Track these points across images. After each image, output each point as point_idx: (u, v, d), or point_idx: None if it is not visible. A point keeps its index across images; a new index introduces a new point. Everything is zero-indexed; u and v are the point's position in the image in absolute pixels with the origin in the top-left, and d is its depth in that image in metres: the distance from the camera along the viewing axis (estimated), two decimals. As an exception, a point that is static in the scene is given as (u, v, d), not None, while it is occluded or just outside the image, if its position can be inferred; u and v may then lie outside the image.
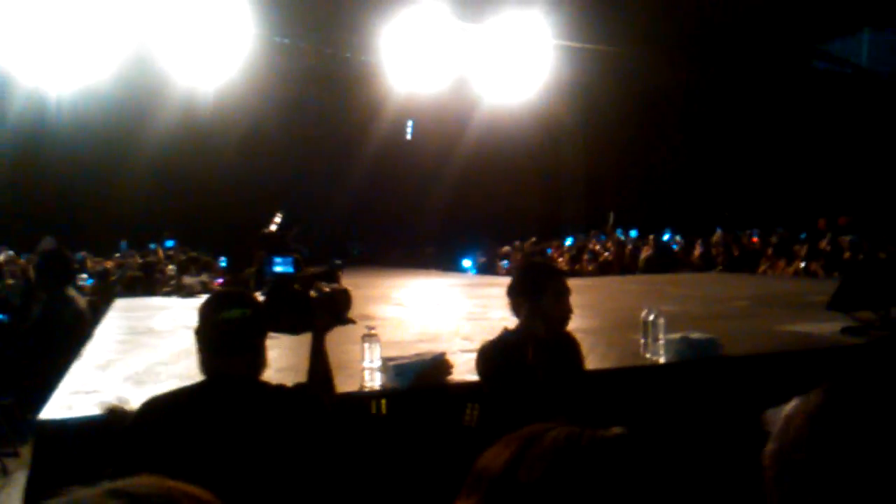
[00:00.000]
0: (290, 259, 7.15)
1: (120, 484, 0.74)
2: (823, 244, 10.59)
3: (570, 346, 3.18)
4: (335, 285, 2.97)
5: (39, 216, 12.97)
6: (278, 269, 7.00)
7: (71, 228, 12.15)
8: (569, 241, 15.72)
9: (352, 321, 2.88)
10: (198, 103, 12.90)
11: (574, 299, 3.08)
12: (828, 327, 4.77)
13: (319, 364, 2.71)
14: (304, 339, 2.77)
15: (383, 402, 3.43)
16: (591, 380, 3.34)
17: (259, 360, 2.38)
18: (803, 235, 12.38)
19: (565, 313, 3.04)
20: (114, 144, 14.70)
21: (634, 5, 14.53)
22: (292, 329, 2.77)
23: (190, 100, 12.56)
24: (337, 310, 2.76)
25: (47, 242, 10.07)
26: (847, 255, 10.34)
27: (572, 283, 3.17)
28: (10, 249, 11.20)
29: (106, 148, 14.71)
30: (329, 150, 17.96)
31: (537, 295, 2.98)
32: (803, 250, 10.66)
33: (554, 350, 3.03)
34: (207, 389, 2.30)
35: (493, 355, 3.04)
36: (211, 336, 2.33)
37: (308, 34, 14.24)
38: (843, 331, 4.59)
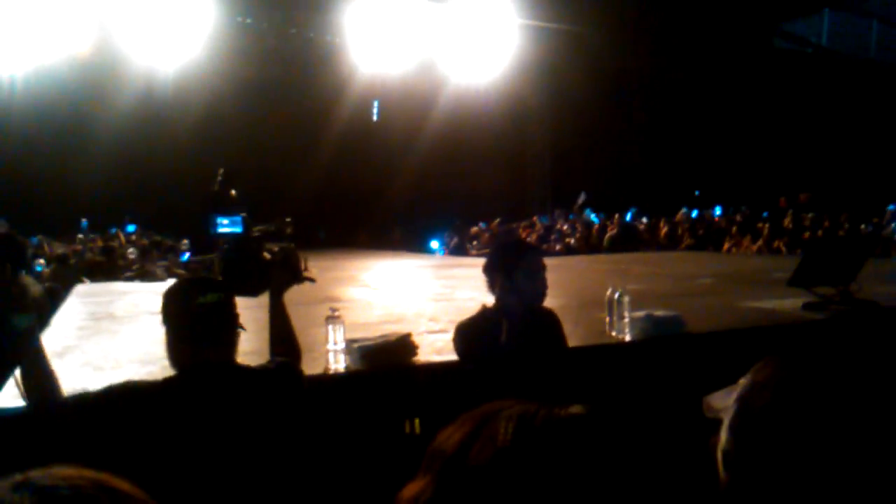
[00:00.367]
0: (237, 218, 6.92)
1: (29, 475, 0.70)
2: (786, 221, 10.76)
3: (550, 324, 3.15)
4: (284, 244, 2.88)
5: None
6: (224, 229, 6.77)
7: (28, 212, 11.86)
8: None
9: (311, 279, 2.81)
10: (158, 84, 12.62)
11: (544, 278, 3.06)
12: (789, 303, 4.84)
13: (281, 325, 2.67)
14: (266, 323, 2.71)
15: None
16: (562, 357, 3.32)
17: (235, 344, 2.35)
18: (766, 214, 12.56)
19: (540, 289, 3.02)
20: (72, 126, 14.35)
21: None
22: (252, 291, 2.68)
23: (150, 80, 12.29)
24: (293, 267, 2.69)
25: (0, 226, 9.81)
26: (807, 232, 10.51)
27: (539, 262, 3.15)
28: None
29: (64, 129, 14.36)
30: (294, 131, 17.74)
31: (511, 271, 2.96)
32: (766, 228, 10.81)
33: (531, 327, 3.01)
34: (192, 379, 2.24)
35: (468, 333, 3.01)
36: (186, 324, 2.26)
37: (271, 14, 13.99)
38: (805, 306, 4.66)
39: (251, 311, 2.85)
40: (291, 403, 2.38)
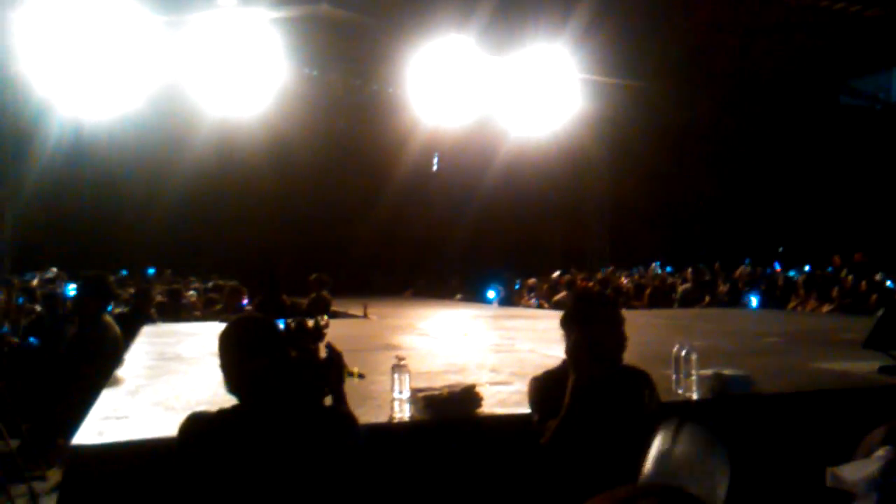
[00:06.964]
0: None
1: None
2: (852, 280, 10.44)
3: (636, 384, 2.99)
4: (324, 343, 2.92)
5: (74, 237, 13.36)
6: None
7: (104, 252, 12.39)
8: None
9: (361, 375, 2.91)
10: (229, 133, 13.12)
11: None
12: (864, 366, 4.67)
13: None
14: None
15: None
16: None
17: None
18: (829, 269, 12.21)
19: (616, 345, 2.92)
20: (147, 172, 15.04)
21: (662, 41, 14.60)
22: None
23: (222, 130, 12.78)
24: (340, 367, 2.74)
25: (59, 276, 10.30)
26: (874, 294, 10.14)
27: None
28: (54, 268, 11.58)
29: (140, 175, 15.07)
30: (357, 179, 18.17)
31: (587, 324, 2.87)
32: (836, 290, 10.49)
33: (609, 386, 2.87)
34: (253, 412, 2.33)
35: (539, 387, 2.96)
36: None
37: (336, 66, 14.46)
38: (881, 370, 4.49)
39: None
40: (350, 451, 2.41)
